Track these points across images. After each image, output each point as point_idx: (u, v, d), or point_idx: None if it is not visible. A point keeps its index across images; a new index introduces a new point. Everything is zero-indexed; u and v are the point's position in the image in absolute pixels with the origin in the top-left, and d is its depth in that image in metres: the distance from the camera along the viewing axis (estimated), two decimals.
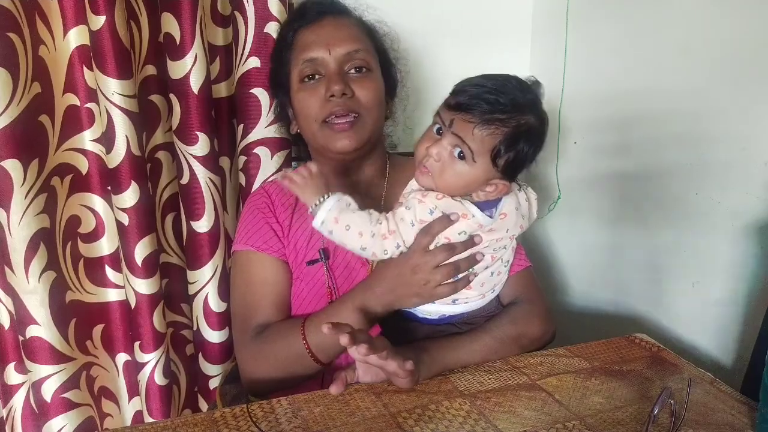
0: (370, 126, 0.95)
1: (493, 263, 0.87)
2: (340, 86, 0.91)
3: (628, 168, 1.28)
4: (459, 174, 0.80)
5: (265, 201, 1.00)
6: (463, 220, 0.81)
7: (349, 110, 0.92)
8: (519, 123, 0.78)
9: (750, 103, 0.99)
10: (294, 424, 0.74)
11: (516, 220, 0.86)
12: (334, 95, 0.91)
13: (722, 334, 1.08)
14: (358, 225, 0.81)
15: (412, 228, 0.82)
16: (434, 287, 0.83)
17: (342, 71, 0.94)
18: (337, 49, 0.94)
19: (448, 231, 0.81)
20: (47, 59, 0.99)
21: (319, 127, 0.94)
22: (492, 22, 1.49)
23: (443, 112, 0.81)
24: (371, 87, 0.95)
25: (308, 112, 0.95)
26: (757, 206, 1.00)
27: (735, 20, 1.01)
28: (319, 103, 0.93)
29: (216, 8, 1.10)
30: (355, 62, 0.95)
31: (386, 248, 0.82)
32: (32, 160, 0.97)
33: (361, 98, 0.94)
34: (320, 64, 0.94)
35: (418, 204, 0.81)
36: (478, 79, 0.80)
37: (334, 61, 0.94)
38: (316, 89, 0.94)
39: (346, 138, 0.93)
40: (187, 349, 1.24)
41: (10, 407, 1.07)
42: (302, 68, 0.95)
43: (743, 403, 0.79)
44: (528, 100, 0.79)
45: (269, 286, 0.96)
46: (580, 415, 0.76)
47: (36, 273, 0.99)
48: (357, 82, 0.94)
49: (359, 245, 0.82)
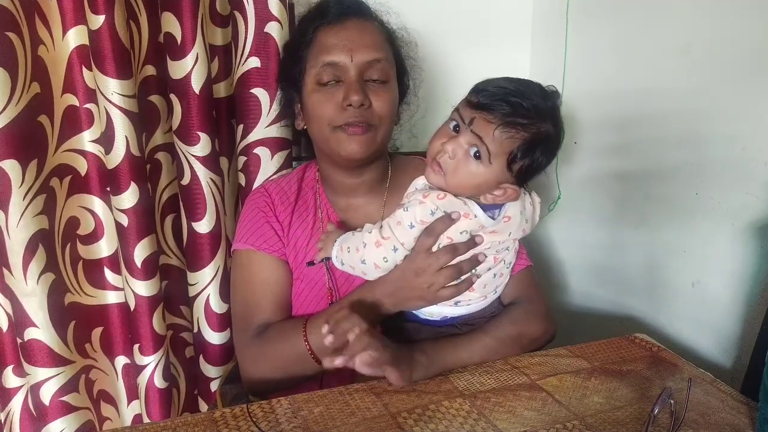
0: (381, 136, 0.94)
1: (495, 265, 0.87)
2: (360, 97, 0.88)
3: (628, 168, 1.28)
4: (472, 174, 0.79)
5: (265, 200, 1.00)
6: (465, 219, 0.80)
7: (365, 121, 0.90)
8: (539, 130, 0.77)
9: (750, 103, 0.99)
10: (294, 424, 0.74)
11: (520, 223, 0.86)
12: (352, 105, 0.89)
13: (722, 334, 1.08)
14: (355, 242, 0.84)
15: (411, 230, 0.81)
16: (438, 290, 0.83)
17: (361, 79, 0.91)
18: (360, 55, 0.90)
19: (449, 230, 0.81)
20: (46, 59, 0.99)
21: (331, 131, 0.92)
22: (492, 22, 1.49)
23: (463, 109, 0.80)
24: (388, 99, 0.93)
25: (322, 115, 0.92)
26: (757, 206, 1.00)
27: (735, 20, 1.01)
28: (335, 109, 0.90)
29: (215, 8, 1.10)
30: (376, 72, 0.92)
31: (384, 255, 0.82)
32: (31, 161, 0.96)
33: (377, 109, 0.91)
34: (340, 69, 0.91)
35: (419, 205, 0.80)
36: (501, 81, 0.79)
37: (354, 68, 0.90)
38: (333, 94, 0.91)
39: (357, 144, 0.90)
40: (187, 352, 1.24)
41: (8, 410, 1.06)
42: (320, 71, 0.91)
43: (743, 403, 0.79)
44: (548, 107, 0.79)
45: (270, 285, 0.95)
46: (580, 415, 0.76)
47: (34, 275, 0.98)
48: (375, 92, 0.91)
49: (359, 259, 0.83)
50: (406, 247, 0.82)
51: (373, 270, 0.84)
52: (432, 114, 1.11)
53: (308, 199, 1.02)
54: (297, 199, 1.01)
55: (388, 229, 0.82)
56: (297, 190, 1.02)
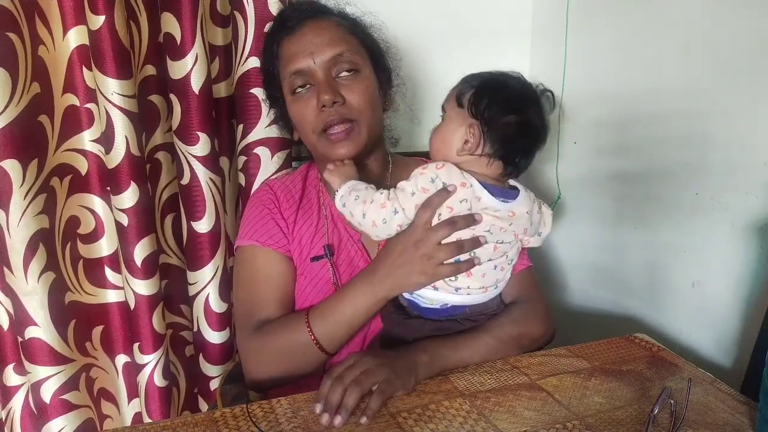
0: (367, 129, 0.94)
1: (495, 255, 0.87)
2: (330, 95, 0.90)
3: (628, 168, 1.28)
4: (438, 132, 0.87)
5: (270, 197, 1.00)
6: (463, 189, 0.82)
7: (344, 118, 0.91)
8: (485, 82, 0.84)
9: (750, 103, 0.99)
10: (294, 424, 0.74)
11: (524, 223, 0.88)
12: (326, 105, 0.90)
13: (722, 334, 1.08)
14: (363, 195, 0.86)
15: (412, 197, 0.83)
16: (437, 264, 0.83)
17: (330, 78, 0.92)
18: (320, 56, 0.92)
19: (449, 200, 0.82)
20: (46, 59, 0.99)
21: (317, 138, 0.94)
22: (492, 23, 1.49)
23: None
24: (362, 89, 0.94)
25: (304, 123, 0.95)
26: (757, 206, 1.00)
27: (735, 20, 1.01)
28: (313, 114, 0.92)
29: (215, 8, 1.10)
30: (342, 65, 0.93)
31: (384, 217, 0.83)
32: (31, 161, 0.97)
33: (354, 103, 0.93)
34: (307, 74, 0.93)
35: (420, 175, 0.83)
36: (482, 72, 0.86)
37: (320, 69, 0.92)
38: (308, 100, 0.93)
39: (344, 147, 0.92)
40: (187, 351, 1.24)
41: (9, 409, 1.07)
42: (291, 81, 0.94)
43: (743, 403, 0.79)
44: (503, 83, 0.84)
45: (274, 281, 0.95)
46: (580, 415, 0.76)
47: (35, 274, 0.99)
48: (347, 86, 0.93)
49: (361, 212, 0.84)
50: (406, 213, 0.83)
51: (370, 227, 0.85)
52: (430, 112, 1.11)
53: (312, 197, 1.02)
54: (302, 197, 1.02)
55: (393, 193, 0.85)
56: (302, 189, 1.03)
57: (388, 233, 0.86)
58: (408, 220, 0.84)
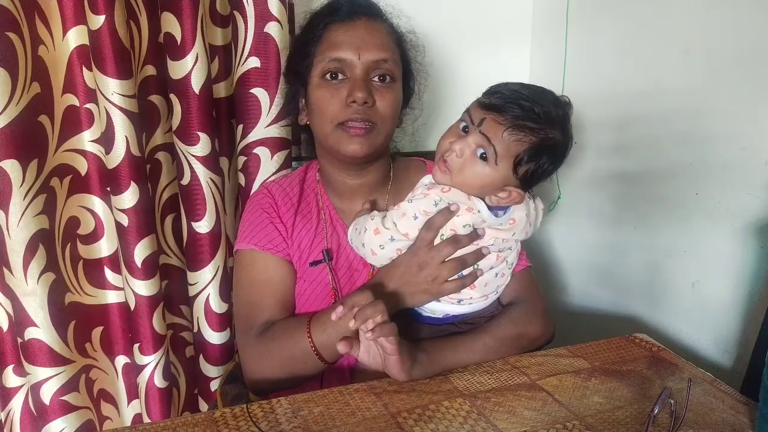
0: (383, 137, 0.94)
1: (497, 263, 0.87)
2: (364, 94, 0.88)
3: (628, 168, 1.28)
4: (477, 174, 0.80)
5: (268, 201, 1.00)
6: (468, 213, 0.81)
7: (367, 119, 0.90)
8: (547, 136, 0.78)
9: (750, 103, 0.99)
10: (294, 424, 0.74)
11: (524, 227, 0.88)
12: (356, 102, 0.89)
13: (722, 334, 1.08)
14: (360, 224, 0.85)
15: (415, 221, 0.82)
16: (441, 283, 0.83)
17: (367, 78, 0.91)
18: (367, 54, 0.90)
19: (454, 224, 0.82)
20: (46, 59, 0.99)
21: (333, 129, 0.92)
22: (492, 22, 1.49)
23: (474, 110, 0.81)
24: (392, 99, 0.93)
25: (325, 111, 0.92)
26: (757, 206, 1.00)
27: (735, 20, 1.01)
28: (339, 106, 0.91)
29: (215, 8, 1.10)
30: (382, 71, 0.92)
31: (381, 243, 0.83)
32: (31, 161, 0.96)
33: (380, 109, 0.92)
34: (347, 65, 0.91)
35: (424, 197, 0.82)
36: (516, 85, 0.80)
37: (361, 66, 0.90)
38: (337, 90, 0.91)
39: (358, 144, 0.91)
40: (187, 352, 1.24)
41: (8, 410, 1.06)
42: (327, 65, 0.92)
43: (743, 403, 0.79)
44: (559, 115, 0.80)
45: (273, 284, 0.95)
46: (580, 415, 0.76)
47: (35, 274, 0.98)
48: (379, 91, 0.92)
49: (360, 241, 0.84)
50: (410, 238, 0.83)
51: (371, 255, 0.85)
52: (429, 112, 1.11)
53: (311, 201, 1.02)
54: (300, 200, 1.01)
55: (390, 221, 0.83)
56: (300, 192, 1.02)
57: (390, 257, 0.86)
58: (408, 242, 0.84)
